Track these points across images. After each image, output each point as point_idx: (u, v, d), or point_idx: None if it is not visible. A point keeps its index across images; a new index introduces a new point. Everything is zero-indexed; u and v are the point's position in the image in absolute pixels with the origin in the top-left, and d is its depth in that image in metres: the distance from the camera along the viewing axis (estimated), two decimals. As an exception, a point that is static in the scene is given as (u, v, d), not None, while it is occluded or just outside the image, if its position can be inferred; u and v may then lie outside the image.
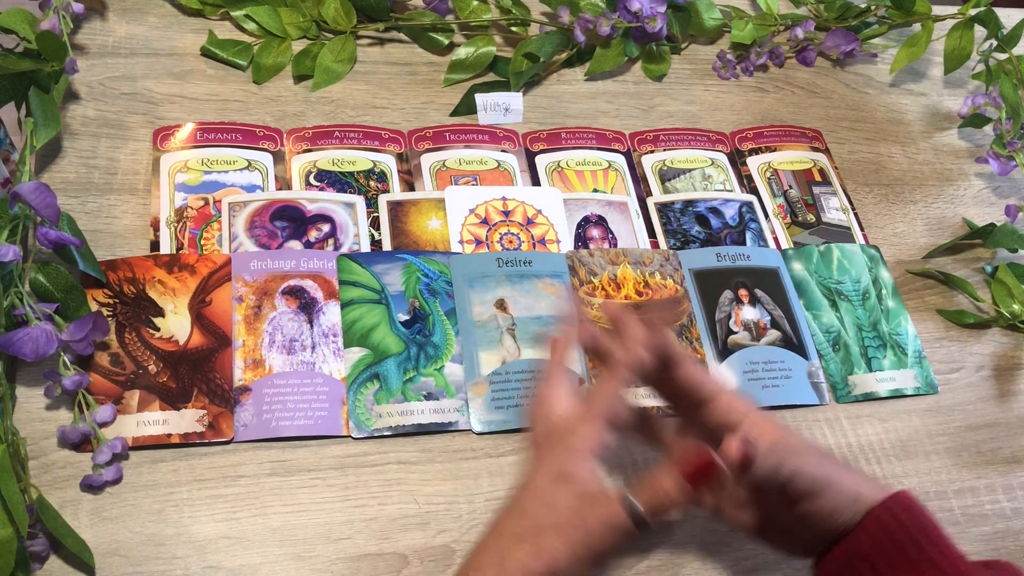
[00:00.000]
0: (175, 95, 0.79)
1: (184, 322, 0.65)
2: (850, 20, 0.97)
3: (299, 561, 0.58)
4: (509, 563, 0.46)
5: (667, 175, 0.84)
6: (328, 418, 0.64)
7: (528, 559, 0.46)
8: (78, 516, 0.57)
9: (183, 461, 0.61)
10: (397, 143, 0.80)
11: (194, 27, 0.84)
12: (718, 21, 0.95)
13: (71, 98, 0.76)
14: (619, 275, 0.75)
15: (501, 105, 0.85)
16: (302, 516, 0.60)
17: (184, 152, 0.75)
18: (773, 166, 0.87)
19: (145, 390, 0.62)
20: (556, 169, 0.82)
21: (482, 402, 0.67)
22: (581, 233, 0.78)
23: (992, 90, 0.90)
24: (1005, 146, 0.88)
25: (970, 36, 0.92)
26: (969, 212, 0.89)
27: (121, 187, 0.72)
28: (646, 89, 0.91)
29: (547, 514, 0.47)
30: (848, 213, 0.85)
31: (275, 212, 0.73)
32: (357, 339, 0.67)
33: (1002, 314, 0.80)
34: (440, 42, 0.87)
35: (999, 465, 0.72)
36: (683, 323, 0.74)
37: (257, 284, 0.68)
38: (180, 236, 0.70)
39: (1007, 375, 0.78)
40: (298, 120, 0.80)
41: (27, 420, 0.60)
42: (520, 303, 0.71)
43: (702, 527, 0.65)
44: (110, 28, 0.82)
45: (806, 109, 0.93)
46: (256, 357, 0.65)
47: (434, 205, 0.77)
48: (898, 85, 0.98)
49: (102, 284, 0.66)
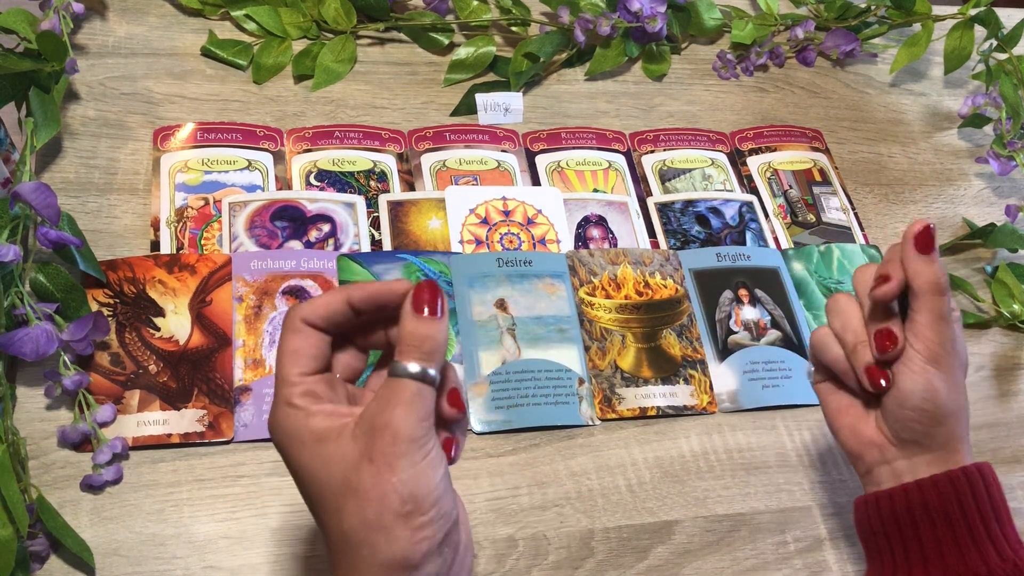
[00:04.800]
0: (175, 95, 0.79)
1: (184, 322, 0.65)
2: (850, 20, 0.97)
3: (299, 561, 0.58)
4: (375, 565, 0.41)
5: (667, 175, 0.84)
6: (328, 418, 0.64)
7: (369, 512, 0.41)
8: (78, 516, 0.57)
9: (183, 461, 0.61)
10: (397, 143, 0.80)
11: (194, 27, 0.84)
12: (718, 21, 0.95)
13: (71, 98, 0.76)
14: (619, 275, 0.75)
15: (501, 105, 0.85)
16: (302, 516, 0.60)
17: (184, 152, 0.75)
18: (773, 166, 0.87)
19: (145, 390, 0.62)
20: (556, 169, 0.82)
21: (482, 402, 0.67)
22: (581, 233, 0.78)
23: (992, 90, 0.90)
24: (1005, 146, 0.88)
25: (970, 36, 0.92)
26: (969, 212, 0.89)
27: (121, 187, 0.72)
28: (646, 89, 0.91)
29: (344, 466, 0.41)
30: (848, 213, 0.85)
31: (275, 212, 0.73)
32: (357, 339, 0.67)
33: (1002, 314, 0.80)
34: (440, 42, 0.87)
35: (999, 465, 0.72)
36: (683, 323, 0.74)
37: (257, 284, 0.68)
38: (180, 236, 0.70)
39: (1007, 375, 0.78)
40: (298, 120, 0.80)
41: (27, 420, 0.60)
42: (520, 303, 0.71)
43: (702, 527, 0.65)
44: (110, 28, 0.82)
45: (806, 109, 0.93)
46: (256, 357, 0.65)
47: (434, 205, 0.77)
48: (898, 85, 0.98)
49: (102, 284, 0.66)
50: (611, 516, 0.64)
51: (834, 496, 0.68)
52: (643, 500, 0.65)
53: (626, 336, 0.72)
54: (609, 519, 0.64)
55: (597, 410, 0.68)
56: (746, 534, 0.65)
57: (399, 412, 0.41)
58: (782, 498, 0.67)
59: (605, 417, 0.68)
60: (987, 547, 0.50)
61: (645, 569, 0.62)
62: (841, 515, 0.67)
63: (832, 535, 0.66)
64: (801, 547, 0.65)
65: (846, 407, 0.55)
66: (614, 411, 0.69)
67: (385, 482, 0.40)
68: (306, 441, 0.42)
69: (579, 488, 0.65)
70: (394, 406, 0.41)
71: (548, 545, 0.62)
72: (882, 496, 0.53)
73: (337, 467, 0.42)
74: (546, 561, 0.61)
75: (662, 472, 0.67)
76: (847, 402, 0.55)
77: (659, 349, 0.72)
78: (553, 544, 0.62)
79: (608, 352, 0.71)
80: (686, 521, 0.65)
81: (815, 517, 0.67)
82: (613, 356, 0.71)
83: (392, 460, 0.41)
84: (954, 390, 0.51)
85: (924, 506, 0.51)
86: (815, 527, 0.66)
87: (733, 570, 0.63)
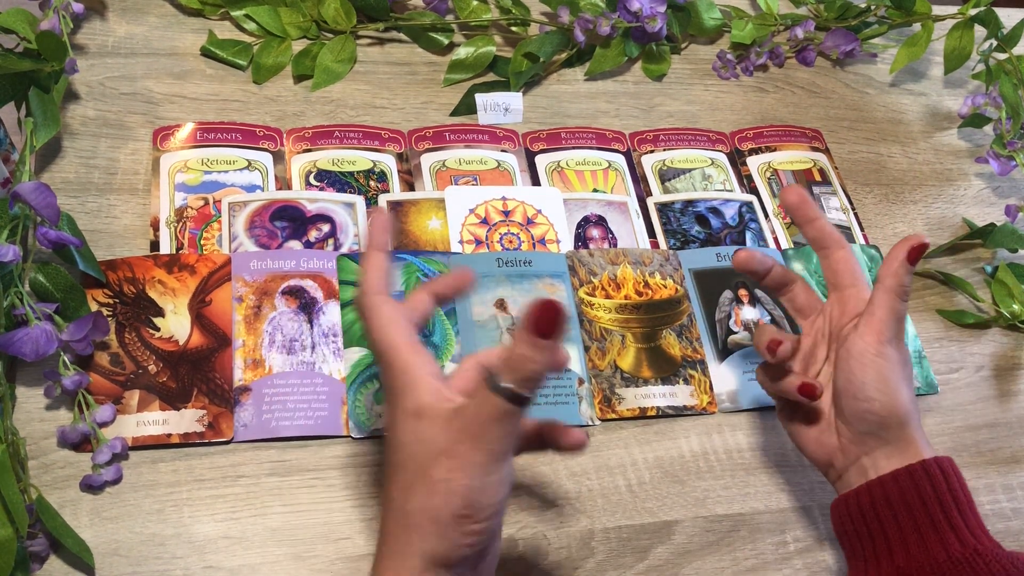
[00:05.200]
0: (175, 95, 0.79)
1: (184, 322, 0.65)
2: (850, 20, 0.97)
3: (299, 561, 0.58)
4: (424, 529, 0.43)
5: (667, 175, 0.84)
6: (328, 418, 0.64)
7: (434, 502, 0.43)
8: (78, 516, 0.57)
9: (183, 461, 0.61)
10: (397, 143, 0.80)
11: (194, 27, 0.84)
12: (718, 21, 0.95)
13: (71, 98, 0.76)
14: (619, 275, 0.75)
15: (501, 105, 0.85)
16: (302, 516, 0.60)
17: (184, 152, 0.75)
18: (773, 166, 0.87)
19: (145, 390, 0.62)
20: (556, 169, 0.82)
21: (482, 402, 0.67)
22: (581, 233, 0.78)
23: (992, 90, 0.90)
24: (1005, 146, 0.88)
25: (970, 36, 0.92)
26: (969, 212, 0.89)
27: (121, 187, 0.72)
28: (646, 89, 0.91)
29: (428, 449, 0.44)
30: (848, 213, 0.85)
31: (275, 212, 0.73)
32: (357, 339, 0.67)
33: (1002, 314, 0.80)
34: (440, 42, 0.87)
35: (999, 465, 0.72)
36: (683, 323, 0.74)
37: (257, 284, 0.68)
38: (180, 236, 0.70)
39: (1007, 375, 0.78)
40: (298, 120, 0.80)
41: (27, 420, 0.60)
42: (520, 303, 0.71)
43: (702, 527, 0.65)
44: (110, 28, 0.82)
45: (806, 109, 0.93)
46: (256, 357, 0.65)
47: (434, 205, 0.77)
48: (898, 85, 0.98)
49: (102, 284, 0.66)
50: (611, 516, 0.64)
51: (834, 496, 0.68)
52: (643, 500, 0.65)
53: (626, 336, 0.72)
54: (609, 519, 0.64)
55: (597, 410, 0.68)
56: (746, 534, 0.65)
57: (491, 427, 0.42)
58: (782, 498, 0.67)
59: (605, 417, 0.68)
60: (948, 535, 0.51)
61: (645, 569, 0.62)
62: (841, 515, 0.67)
63: (832, 535, 0.66)
64: (801, 547, 0.65)
65: (806, 426, 0.59)
66: (614, 411, 0.68)
67: (456, 482, 0.43)
68: (408, 409, 0.45)
69: (579, 488, 0.65)
70: (487, 417, 0.42)
71: (548, 545, 0.62)
72: (850, 496, 0.55)
73: (422, 447, 0.44)
74: (546, 561, 0.61)
75: (662, 472, 0.67)
76: (805, 421, 0.59)
77: (659, 349, 0.72)
78: (553, 544, 0.62)
79: (608, 352, 0.71)
80: (686, 521, 0.65)
81: (815, 517, 0.67)
82: (613, 356, 0.71)
83: (469, 466, 0.43)
84: (900, 375, 0.55)
85: (887, 500, 0.53)
86: (815, 527, 0.66)
87: (733, 570, 0.63)
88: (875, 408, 0.54)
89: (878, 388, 0.54)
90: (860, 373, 0.55)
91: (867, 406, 0.54)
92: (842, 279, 0.59)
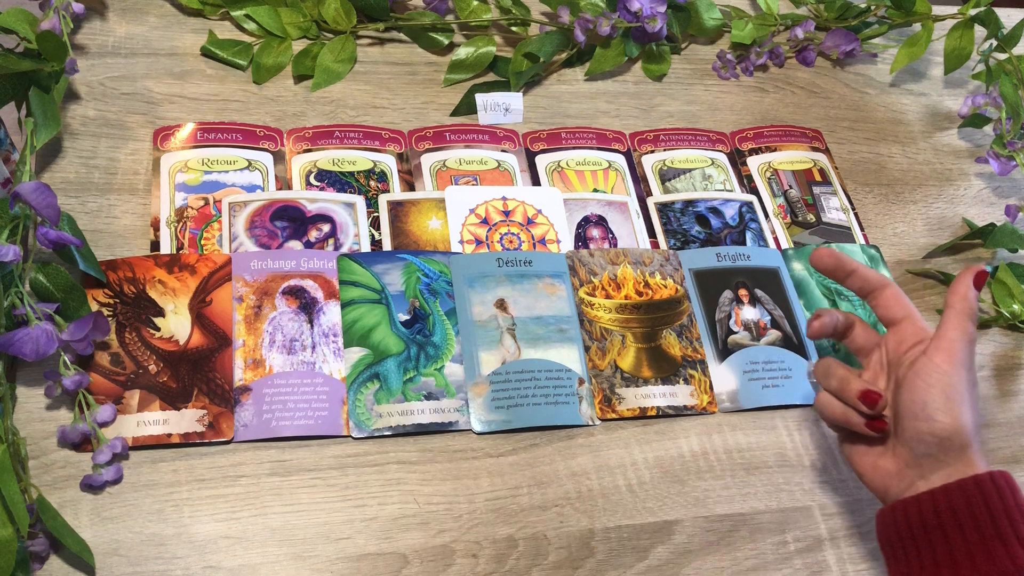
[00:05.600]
0: (175, 95, 0.79)
1: (184, 322, 0.65)
2: (850, 20, 0.97)
3: (299, 561, 0.58)
4: None
5: (667, 175, 0.84)
6: (328, 418, 0.64)
7: None
8: (78, 516, 0.57)
9: (183, 461, 0.61)
10: (397, 143, 0.80)
11: (194, 27, 0.84)
12: (718, 21, 0.95)
13: (71, 98, 0.76)
14: (619, 275, 0.75)
15: (501, 105, 0.85)
16: (302, 516, 0.60)
17: (184, 152, 0.75)
18: (773, 166, 0.87)
19: (145, 390, 0.62)
20: (556, 169, 0.82)
21: (482, 402, 0.67)
22: (581, 233, 0.78)
23: (992, 90, 0.90)
24: (1005, 146, 0.88)
25: (970, 36, 0.92)
26: (969, 212, 0.89)
27: (121, 187, 0.72)
28: (646, 89, 0.91)
29: None
30: (848, 213, 0.85)
31: (275, 212, 0.73)
32: (357, 339, 0.67)
33: (1002, 314, 0.80)
34: (440, 42, 0.87)
35: (999, 465, 0.72)
36: (683, 323, 0.74)
37: (257, 284, 0.68)
38: (180, 236, 0.70)
39: (1007, 375, 0.78)
40: (298, 120, 0.80)
41: (27, 420, 0.60)
42: (520, 303, 0.71)
43: (702, 527, 0.65)
44: (110, 28, 0.82)
45: (806, 109, 0.93)
46: (256, 357, 0.65)
47: (434, 205, 0.77)
48: (898, 85, 0.98)
49: (102, 284, 0.66)
50: (611, 516, 0.64)
51: (834, 496, 0.68)
52: (643, 500, 0.65)
53: (626, 336, 0.72)
54: (609, 519, 0.64)
55: (597, 410, 0.68)
56: (746, 534, 0.65)
57: None
58: (782, 498, 0.67)
59: (605, 417, 0.68)
60: (1015, 547, 0.51)
61: (645, 569, 0.62)
62: (841, 515, 0.67)
63: (832, 535, 0.66)
64: (801, 547, 0.65)
65: (864, 450, 0.59)
66: (614, 411, 0.69)
67: None
68: None
69: (579, 488, 0.65)
70: None
71: (548, 545, 0.62)
72: (909, 502, 0.54)
73: None
74: (546, 561, 0.61)
75: (662, 472, 0.67)
76: (864, 445, 0.59)
77: (659, 349, 0.72)
78: (553, 544, 0.62)
79: (608, 352, 0.71)
80: (686, 521, 0.65)
81: (815, 517, 0.67)
82: (613, 356, 0.71)
83: None
84: (966, 397, 0.55)
85: (951, 509, 0.52)
86: (815, 527, 0.66)
87: (733, 570, 0.63)
88: (936, 429, 0.54)
89: (942, 408, 0.54)
90: (924, 392, 0.55)
91: (928, 426, 0.54)
92: (894, 313, 0.60)
